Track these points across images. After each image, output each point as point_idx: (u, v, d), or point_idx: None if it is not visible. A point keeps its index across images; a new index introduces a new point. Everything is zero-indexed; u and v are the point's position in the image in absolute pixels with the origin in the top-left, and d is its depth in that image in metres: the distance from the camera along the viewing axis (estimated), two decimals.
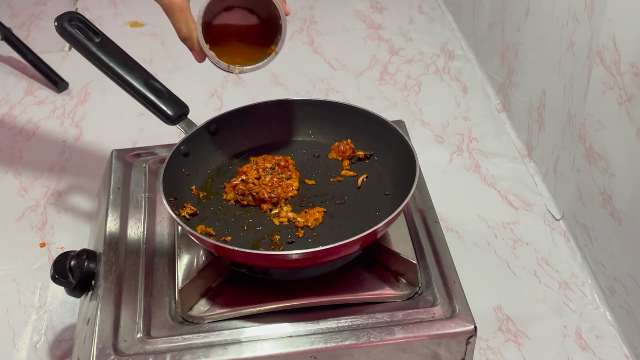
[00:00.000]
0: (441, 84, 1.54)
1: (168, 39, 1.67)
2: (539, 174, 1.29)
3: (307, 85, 1.53)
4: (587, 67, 1.07)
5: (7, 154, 1.37)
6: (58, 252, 1.14)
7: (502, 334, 1.03)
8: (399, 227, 0.90)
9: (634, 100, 0.94)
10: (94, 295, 0.88)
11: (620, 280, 1.02)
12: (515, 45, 1.36)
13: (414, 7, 1.80)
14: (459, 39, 1.67)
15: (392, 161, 0.94)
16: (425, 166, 0.98)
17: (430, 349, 0.81)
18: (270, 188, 0.91)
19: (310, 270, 0.87)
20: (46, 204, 1.25)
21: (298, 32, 1.70)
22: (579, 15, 1.08)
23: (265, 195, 0.90)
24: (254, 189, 0.90)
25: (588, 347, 1.02)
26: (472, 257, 1.15)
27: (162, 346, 0.80)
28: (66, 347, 1.02)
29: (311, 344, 0.80)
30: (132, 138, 1.38)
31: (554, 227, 1.20)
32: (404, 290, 0.85)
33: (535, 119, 1.29)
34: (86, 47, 0.93)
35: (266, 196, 0.90)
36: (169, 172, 0.89)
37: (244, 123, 0.99)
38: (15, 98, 1.51)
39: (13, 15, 1.79)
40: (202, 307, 0.83)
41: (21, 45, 1.56)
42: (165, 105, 0.93)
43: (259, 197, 0.90)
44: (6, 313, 1.07)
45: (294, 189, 0.92)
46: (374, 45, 1.66)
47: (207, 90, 1.52)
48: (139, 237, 0.94)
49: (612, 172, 1.02)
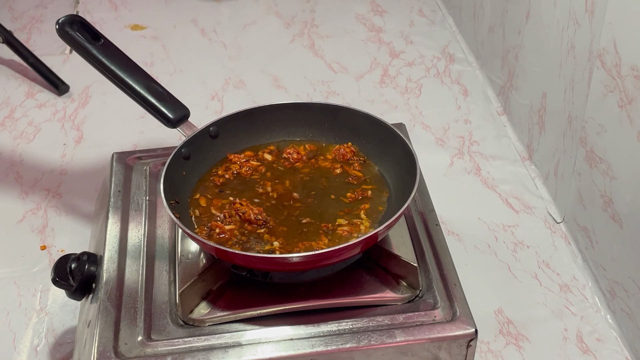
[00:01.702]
0: (442, 87, 1.54)
1: (169, 42, 1.67)
2: (540, 176, 1.29)
3: (308, 88, 1.53)
4: (587, 70, 1.07)
5: (7, 156, 1.37)
6: (59, 255, 1.14)
7: (502, 337, 1.03)
8: (400, 230, 0.90)
9: (635, 103, 0.94)
10: (94, 298, 0.88)
11: (621, 284, 1.02)
12: (516, 48, 1.36)
13: (414, 10, 1.80)
14: (459, 42, 1.67)
15: (393, 164, 0.94)
16: (426, 169, 0.98)
17: (431, 352, 0.81)
18: (258, 209, 0.89)
19: (311, 273, 0.87)
20: (47, 206, 1.25)
21: (299, 35, 1.71)
22: (580, 18, 1.08)
23: (252, 216, 0.88)
24: (240, 209, 0.89)
25: (589, 350, 1.02)
26: (473, 260, 1.15)
27: (163, 349, 0.80)
28: (67, 350, 1.02)
29: (312, 347, 0.80)
30: (132, 141, 1.38)
31: (554, 230, 1.20)
32: (405, 293, 0.85)
33: (536, 121, 1.29)
34: (87, 50, 0.93)
35: (252, 217, 0.88)
36: (170, 175, 0.89)
37: (244, 126, 0.99)
38: (16, 101, 1.51)
39: (14, 18, 1.79)
40: (203, 310, 0.83)
41: (22, 48, 1.56)
42: (166, 108, 0.93)
43: (245, 218, 0.88)
44: (7, 316, 1.07)
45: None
46: (374, 48, 1.66)
47: (208, 93, 1.52)
48: (139, 240, 0.94)
49: (612, 175, 1.02)
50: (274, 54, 1.64)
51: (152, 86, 0.93)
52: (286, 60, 1.63)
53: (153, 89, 0.93)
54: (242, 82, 1.55)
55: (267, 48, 1.66)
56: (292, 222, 0.88)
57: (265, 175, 0.96)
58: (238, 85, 1.54)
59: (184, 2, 1.84)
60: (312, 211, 0.90)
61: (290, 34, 1.71)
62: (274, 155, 0.99)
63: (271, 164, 0.97)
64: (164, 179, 0.87)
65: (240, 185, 0.94)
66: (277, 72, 1.57)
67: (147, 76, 0.95)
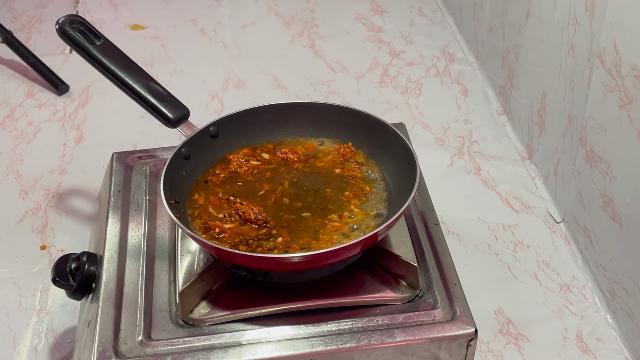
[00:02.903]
0: (442, 86, 1.54)
1: (169, 41, 1.67)
2: (540, 176, 1.29)
3: (308, 88, 1.53)
4: (587, 70, 1.07)
5: (7, 156, 1.37)
6: (59, 254, 1.14)
7: (502, 337, 1.03)
8: (400, 229, 0.90)
9: (635, 102, 0.94)
10: (94, 298, 0.88)
11: (621, 283, 1.02)
12: (516, 47, 1.36)
13: (414, 10, 1.80)
14: (459, 42, 1.67)
15: (393, 164, 0.94)
16: (426, 169, 0.98)
17: (431, 352, 0.81)
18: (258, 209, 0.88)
19: (311, 273, 0.87)
20: (47, 206, 1.25)
21: (299, 34, 1.71)
22: (580, 17, 1.08)
23: (252, 215, 0.88)
24: (240, 209, 0.89)
25: (589, 350, 1.02)
26: (473, 259, 1.15)
27: (163, 349, 0.80)
28: (67, 350, 1.02)
29: (312, 347, 0.80)
30: (132, 141, 1.38)
31: (554, 229, 1.20)
32: (405, 293, 0.85)
33: (536, 121, 1.29)
34: (87, 50, 0.93)
35: (252, 216, 0.88)
36: (170, 174, 0.89)
37: (244, 126, 0.99)
38: (16, 101, 1.51)
39: (14, 18, 1.79)
40: (203, 309, 0.83)
41: (22, 48, 1.56)
42: (165, 108, 0.93)
43: (245, 217, 0.88)
44: (7, 316, 1.07)
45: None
46: (374, 48, 1.66)
47: (208, 93, 1.52)
48: (139, 240, 0.94)
49: (612, 175, 1.02)
50: (273, 54, 1.64)
51: (152, 86, 0.93)
52: (286, 60, 1.63)
53: (153, 88, 0.93)
54: (242, 82, 1.55)
55: (267, 48, 1.66)
56: (291, 221, 0.88)
57: (265, 175, 0.96)
58: (238, 85, 1.54)
59: (184, 2, 1.84)
60: (312, 210, 0.90)
61: (290, 33, 1.71)
62: (273, 155, 0.99)
63: (271, 163, 0.97)
64: (164, 179, 0.87)
65: (240, 184, 0.94)
66: (277, 72, 1.57)
67: (147, 76, 0.95)
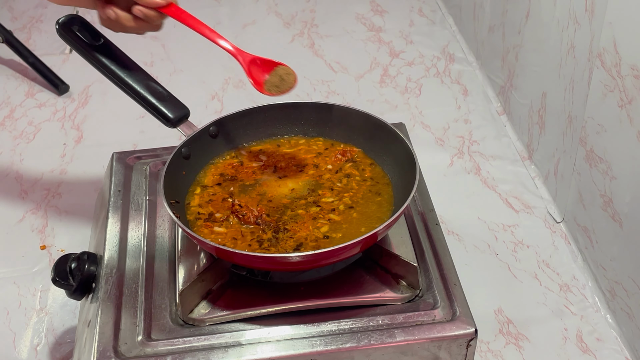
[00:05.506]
0: (442, 86, 1.54)
1: (169, 42, 1.67)
2: (540, 176, 1.29)
3: (308, 87, 1.53)
4: (587, 70, 1.07)
5: (7, 156, 1.37)
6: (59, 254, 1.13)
7: (502, 337, 1.03)
8: (400, 229, 0.90)
9: (635, 102, 0.94)
10: (94, 297, 0.88)
11: (621, 283, 1.02)
12: (516, 47, 1.36)
13: (414, 10, 1.80)
14: (459, 42, 1.67)
15: (393, 164, 0.94)
16: (426, 169, 0.98)
17: (430, 352, 0.81)
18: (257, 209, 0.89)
19: (311, 272, 0.87)
20: (47, 206, 1.25)
21: (299, 35, 1.71)
22: (580, 17, 1.08)
23: (251, 216, 0.88)
24: (240, 211, 0.89)
25: (589, 349, 1.02)
26: (473, 259, 1.15)
27: (163, 349, 0.80)
28: (67, 349, 1.02)
29: (312, 347, 0.80)
30: (132, 141, 1.38)
31: (554, 229, 1.20)
32: (405, 292, 0.85)
33: (536, 121, 1.29)
34: (87, 50, 0.93)
35: (251, 216, 0.88)
36: (170, 174, 0.89)
37: (244, 126, 0.99)
38: (16, 101, 1.51)
39: (14, 17, 1.79)
40: (203, 309, 0.83)
41: (22, 48, 1.56)
42: (165, 108, 0.93)
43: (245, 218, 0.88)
44: (7, 315, 1.07)
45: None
46: (374, 48, 1.66)
47: (208, 92, 1.52)
48: (139, 240, 0.94)
49: (612, 175, 1.02)
50: (273, 54, 1.63)
51: (152, 86, 0.93)
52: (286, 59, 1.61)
53: (153, 88, 0.93)
54: (242, 81, 1.55)
55: (267, 48, 1.66)
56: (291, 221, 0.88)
57: (265, 175, 0.96)
58: (238, 85, 1.54)
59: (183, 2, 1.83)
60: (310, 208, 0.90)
61: (290, 33, 1.71)
62: (273, 155, 0.99)
63: (270, 163, 0.97)
64: (164, 178, 0.87)
65: (240, 185, 0.94)
66: None
67: (147, 76, 0.95)
